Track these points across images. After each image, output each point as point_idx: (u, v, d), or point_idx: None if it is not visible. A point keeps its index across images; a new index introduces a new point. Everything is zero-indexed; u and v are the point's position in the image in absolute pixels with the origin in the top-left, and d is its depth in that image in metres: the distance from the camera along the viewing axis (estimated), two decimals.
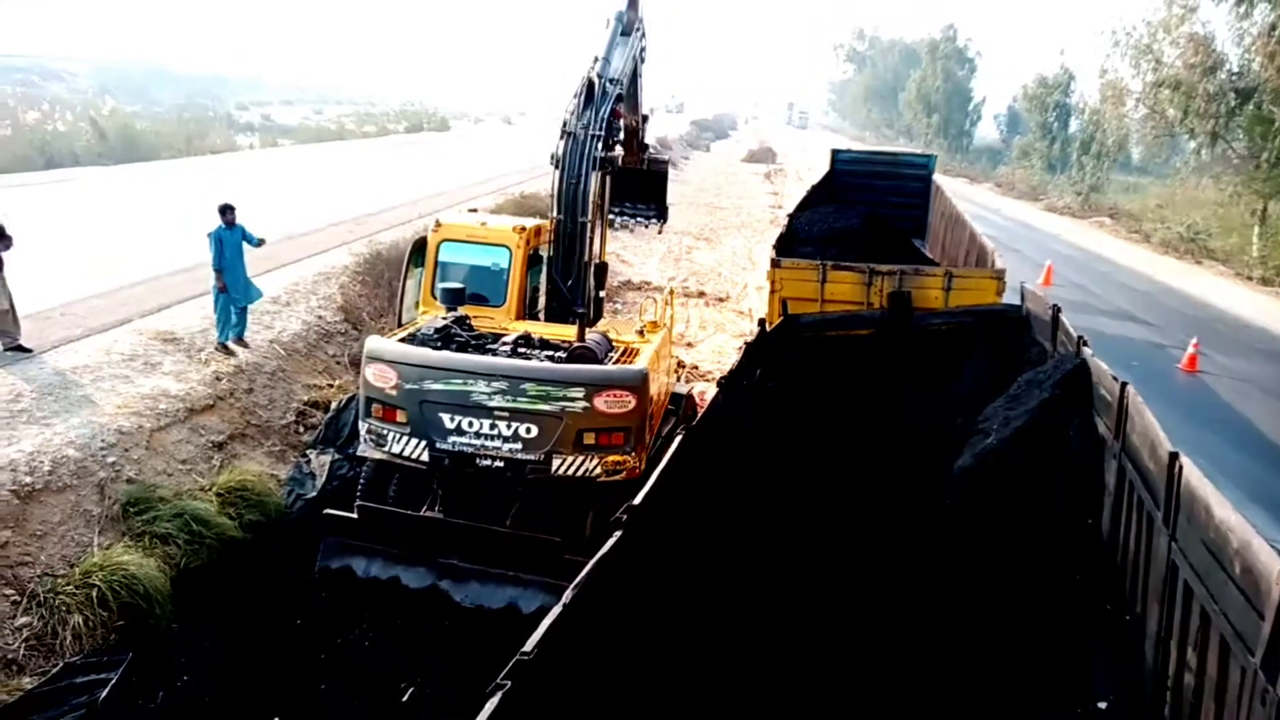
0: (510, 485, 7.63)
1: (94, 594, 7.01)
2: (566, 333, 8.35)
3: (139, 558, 7.43)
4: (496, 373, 7.22)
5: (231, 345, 11.02)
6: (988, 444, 7.05)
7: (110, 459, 8.30)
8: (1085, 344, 7.46)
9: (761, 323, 10.18)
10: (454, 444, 7.31)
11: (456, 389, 7.23)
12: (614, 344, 8.58)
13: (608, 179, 9.86)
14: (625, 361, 8.16)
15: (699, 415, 7.73)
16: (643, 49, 10.82)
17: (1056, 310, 8.52)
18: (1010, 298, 10.71)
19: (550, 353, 7.84)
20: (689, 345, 15.96)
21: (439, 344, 7.74)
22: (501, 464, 7.31)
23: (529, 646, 3.59)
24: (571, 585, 4.04)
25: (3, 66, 51.46)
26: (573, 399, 7.16)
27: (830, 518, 6.85)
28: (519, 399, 7.16)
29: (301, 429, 10.79)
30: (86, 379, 9.44)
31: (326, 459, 10.17)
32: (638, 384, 7.38)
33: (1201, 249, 29.13)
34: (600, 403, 7.17)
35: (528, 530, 7.50)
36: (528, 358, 7.67)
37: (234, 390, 10.39)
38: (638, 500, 5.05)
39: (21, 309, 9.98)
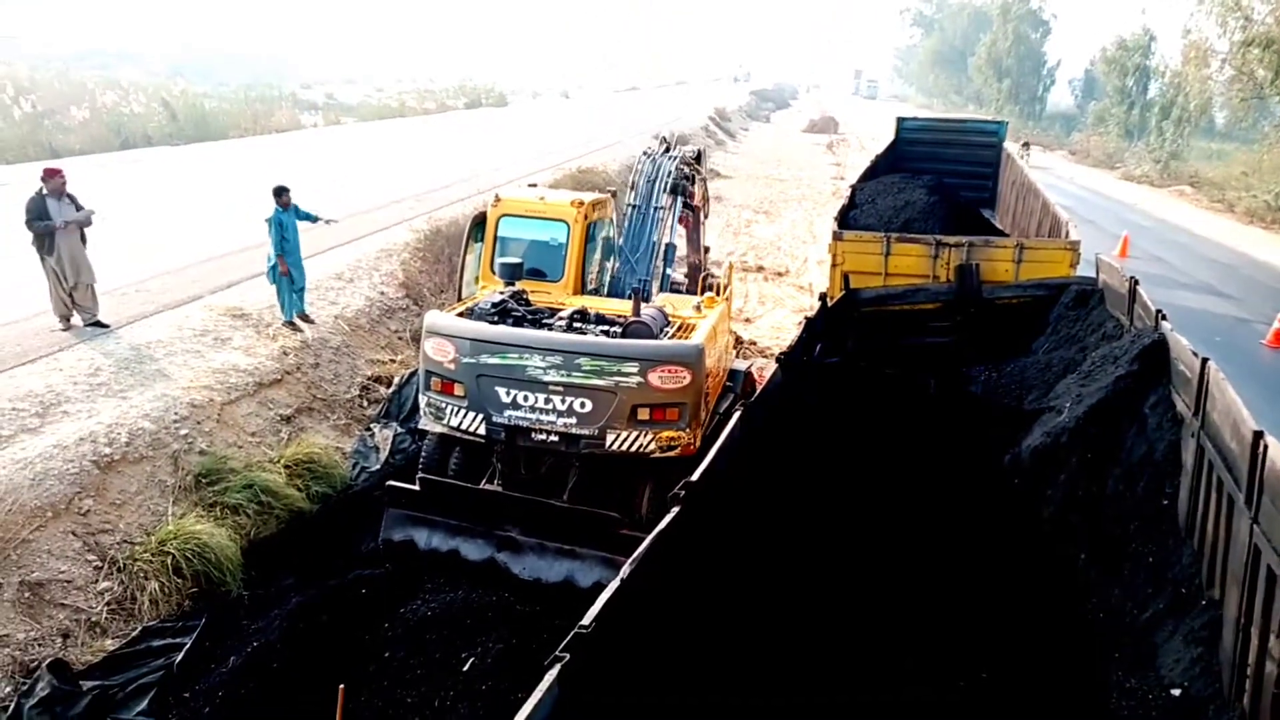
0: (567, 460, 7.65)
1: (169, 561, 7.30)
2: (623, 308, 8.33)
3: (211, 527, 7.69)
4: (551, 347, 7.24)
5: (297, 321, 11.26)
6: (1060, 421, 6.82)
7: (183, 431, 8.57)
8: (1164, 318, 7.15)
9: (823, 297, 10.01)
10: (510, 418, 7.37)
11: (512, 363, 7.27)
12: (670, 319, 8.51)
13: (678, 199, 10.36)
14: (681, 337, 8.08)
15: (758, 392, 7.63)
16: (707, 202, 11.98)
17: (1134, 283, 8.17)
18: (1085, 270, 10.32)
19: (605, 328, 7.81)
20: (747, 321, 15.81)
21: (495, 319, 7.79)
22: (556, 438, 7.34)
23: (587, 620, 3.60)
24: (629, 560, 4.03)
25: (81, 50, 53.23)
26: (627, 374, 7.13)
27: (893, 495, 6.71)
28: (573, 374, 7.16)
29: (365, 403, 11.00)
30: (160, 353, 9.76)
31: (389, 433, 10.38)
32: (693, 359, 7.31)
33: None
34: (655, 378, 7.14)
35: (585, 505, 7.52)
36: (583, 333, 7.68)
37: (300, 365, 10.63)
38: (695, 476, 5.00)
39: (98, 286, 10.34)
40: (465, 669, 6.25)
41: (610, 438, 7.25)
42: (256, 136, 31.37)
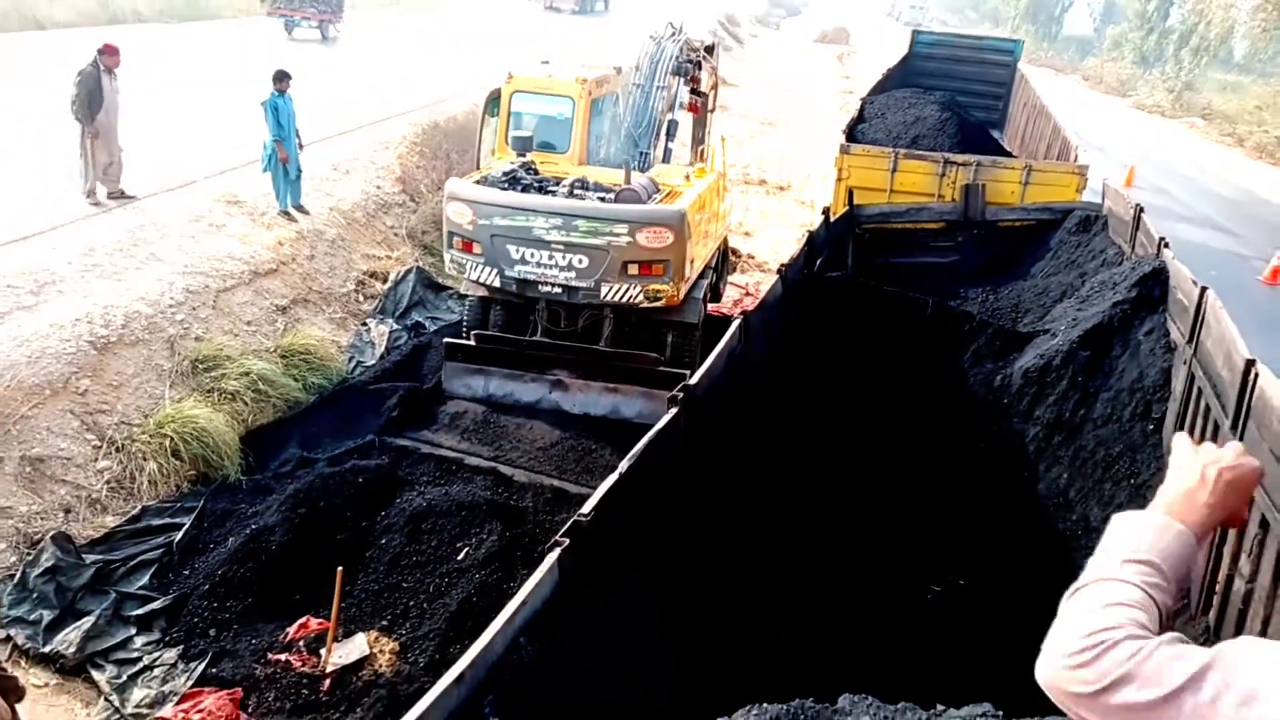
0: (600, 313, 8.70)
1: (167, 444, 7.39)
2: (620, 177, 9.12)
3: (209, 412, 7.76)
4: (553, 211, 8.25)
5: (292, 211, 11.11)
6: (1054, 344, 6.87)
7: (179, 317, 8.56)
8: (1166, 246, 7.13)
9: (826, 212, 9.92)
10: (519, 272, 8.42)
11: (520, 225, 8.25)
12: (660, 187, 9.36)
13: (680, 80, 10.78)
14: (667, 202, 8.96)
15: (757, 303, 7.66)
16: (716, 90, 12.31)
17: (1139, 210, 8.11)
18: (1090, 197, 10.23)
19: (602, 194, 8.76)
20: (747, 235, 15.69)
21: (506, 186, 8.70)
22: (559, 290, 8.43)
23: (586, 509, 3.71)
24: (626, 456, 4.12)
25: None
26: (618, 234, 8.15)
27: (885, 410, 6.80)
28: (572, 234, 8.18)
29: (361, 298, 10.98)
30: (154, 236, 9.66)
31: (385, 329, 10.40)
32: (675, 222, 8.29)
33: None
34: (642, 238, 8.17)
35: (619, 349, 8.64)
36: (581, 198, 8.66)
37: (296, 256, 10.56)
38: (694, 380, 5.06)
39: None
40: (460, 558, 6.43)
41: (604, 289, 8.34)
42: (252, 17, 30.21)
